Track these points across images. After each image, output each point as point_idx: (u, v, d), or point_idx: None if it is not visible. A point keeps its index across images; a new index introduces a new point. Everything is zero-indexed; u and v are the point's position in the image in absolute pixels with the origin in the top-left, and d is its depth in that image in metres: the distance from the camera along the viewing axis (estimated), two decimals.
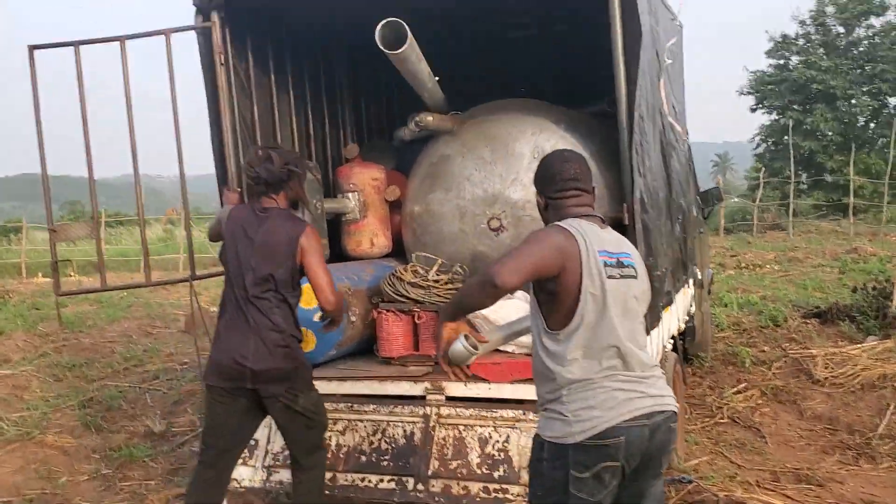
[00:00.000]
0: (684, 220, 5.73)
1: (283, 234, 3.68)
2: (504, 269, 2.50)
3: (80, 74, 4.54)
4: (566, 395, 2.58)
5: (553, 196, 2.79)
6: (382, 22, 4.08)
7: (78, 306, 13.30)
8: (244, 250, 3.69)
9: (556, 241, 2.58)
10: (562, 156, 2.87)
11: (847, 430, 6.06)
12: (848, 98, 27.24)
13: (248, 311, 3.64)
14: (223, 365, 3.66)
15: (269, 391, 3.64)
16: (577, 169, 2.80)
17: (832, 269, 14.19)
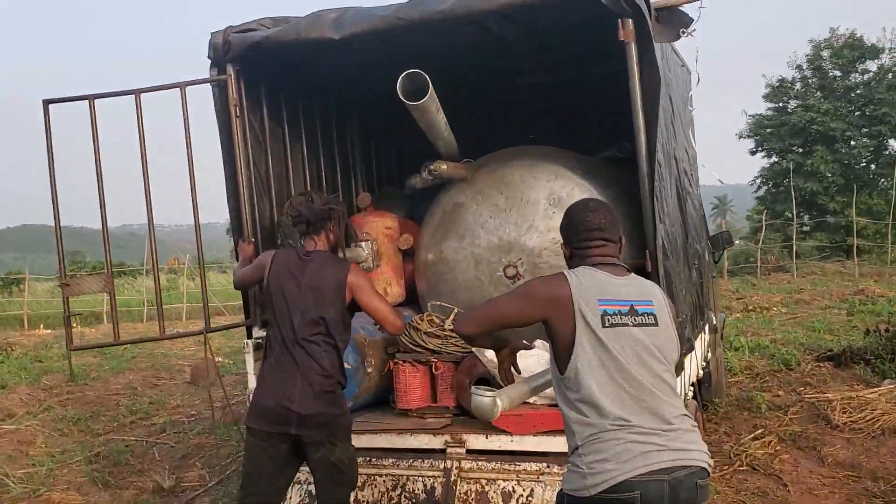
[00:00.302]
0: (700, 264, 5.70)
1: (330, 276, 3.76)
2: (465, 318, 2.78)
3: (95, 128, 4.53)
4: (582, 446, 2.54)
5: (577, 246, 2.78)
6: (404, 73, 4.08)
7: (82, 358, 13.17)
8: (292, 293, 3.75)
9: (536, 291, 2.67)
10: (586, 205, 2.87)
11: (871, 477, 5.94)
12: (847, 140, 27.42)
13: (296, 354, 3.69)
14: (268, 408, 3.67)
15: (312, 437, 3.64)
16: (601, 219, 2.78)
17: (840, 311, 14.10)
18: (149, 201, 4.61)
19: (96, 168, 4.54)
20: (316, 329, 3.70)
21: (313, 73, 5.25)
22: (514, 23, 4.53)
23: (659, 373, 2.63)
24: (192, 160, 4.56)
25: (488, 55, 5.20)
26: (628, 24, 3.89)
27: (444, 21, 4.15)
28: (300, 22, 4.39)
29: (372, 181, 6.39)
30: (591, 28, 4.60)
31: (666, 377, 2.66)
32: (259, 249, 4.69)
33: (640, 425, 2.52)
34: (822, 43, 29.05)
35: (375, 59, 4.96)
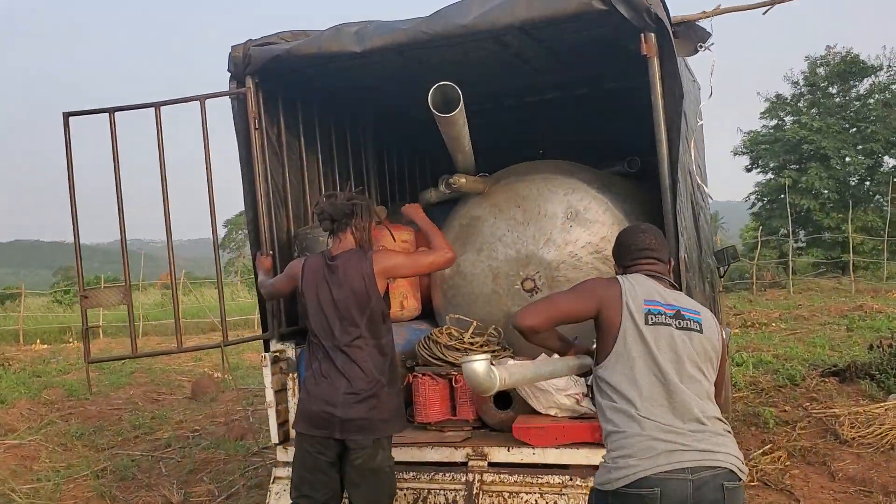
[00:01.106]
0: (712, 278, 5.71)
1: (356, 275, 3.77)
2: (527, 311, 2.80)
3: (115, 141, 4.53)
4: (610, 440, 2.64)
5: (628, 264, 2.90)
6: (436, 85, 4.11)
7: (82, 373, 13.11)
8: (326, 300, 3.78)
9: (592, 287, 2.83)
10: (638, 227, 3.04)
11: (882, 491, 5.94)
12: (842, 157, 27.61)
13: (338, 360, 3.73)
14: (313, 412, 3.73)
15: (357, 441, 3.69)
16: (651, 239, 2.92)
17: (839, 327, 14.15)
18: (167, 215, 4.59)
19: (116, 181, 4.52)
20: (355, 332, 3.75)
21: (330, 87, 5.27)
22: (533, 38, 4.56)
23: (695, 374, 2.68)
24: (211, 174, 4.54)
25: (505, 71, 5.23)
26: (651, 38, 3.93)
27: (465, 35, 4.19)
28: (321, 35, 4.41)
29: (386, 195, 6.40)
30: (606, 45, 4.66)
31: (702, 380, 2.71)
32: (276, 262, 4.69)
33: (669, 423, 2.58)
34: (818, 60, 29.32)
35: (393, 74, 4.99)
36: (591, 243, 4.76)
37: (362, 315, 3.77)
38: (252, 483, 6.62)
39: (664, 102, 3.96)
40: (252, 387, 10.74)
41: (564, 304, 2.81)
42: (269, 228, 4.70)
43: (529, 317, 2.77)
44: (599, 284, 2.84)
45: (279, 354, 4.63)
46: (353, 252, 3.86)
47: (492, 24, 4.04)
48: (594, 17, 4.02)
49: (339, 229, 3.89)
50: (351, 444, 3.71)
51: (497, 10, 4.01)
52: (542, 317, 2.77)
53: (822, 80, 29.28)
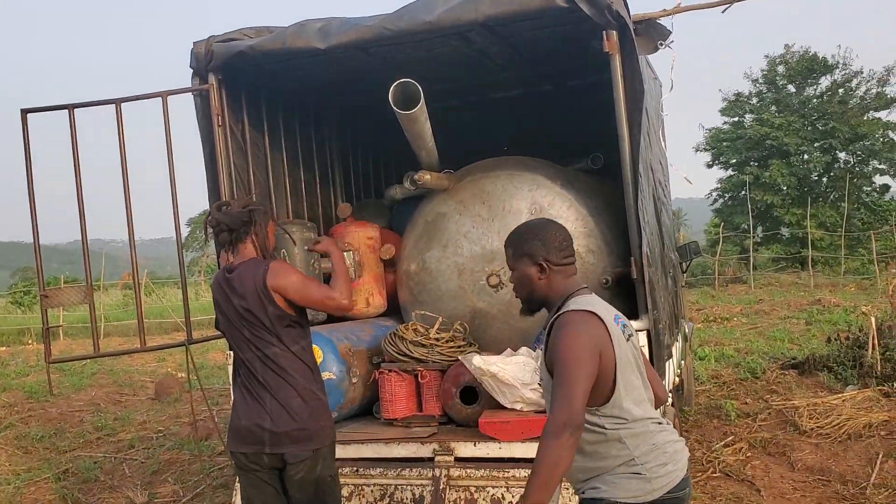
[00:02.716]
0: (675, 273, 5.80)
1: (250, 287, 3.46)
2: (574, 412, 2.39)
3: (75, 138, 4.47)
4: (639, 455, 2.57)
5: (559, 262, 2.70)
6: (396, 83, 4.11)
7: (41, 375, 12.89)
8: (232, 315, 3.52)
9: (592, 343, 2.51)
10: (555, 223, 2.83)
11: (840, 480, 6.07)
12: (801, 154, 28.11)
13: (258, 374, 3.47)
14: (241, 428, 3.51)
15: (293, 454, 3.44)
16: (570, 236, 2.80)
17: (798, 321, 14.42)
18: (129, 214, 4.55)
19: (76, 179, 4.47)
20: (267, 344, 3.47)
21: (295, 84, 5.25)
22: (497, 35, 4.58)
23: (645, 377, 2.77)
24: (174, 171, 4.52)
25: (469, 68, 5.25)
26: (613, 35, 3.98)
27: (429, 32, 4.20)
28: (285, 31, 4.39)
29: (351, 192, 6.38)
30: (569, 42, 4.71)
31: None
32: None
33: (665, 425, 2.70)
34: (777, 58, 29.80)
35: (357, 70, 4.99)
36: None
37: (267, 326, 3.49)
38: (217, 483, 6.58)
39: (626, 99, 4.01)
40: (217, 386, 10.65)
41: (588, 377, 2.47)
42: None
43: (580, 413, 2.41)
44: (595, 334, 2.53)
45: None
46: (251, 261, 3.56)
47: (456, 21, 4.05)
48: (557, 14, 4.06)
49: (237, 239, 3.57)
50: (288, 457, 3.47)
51: (461, 7, 4.03)
52: (585, 400, 2.44)
53: (782, 77, 29.78)
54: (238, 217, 3.55)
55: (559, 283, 2.70)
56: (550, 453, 2.38)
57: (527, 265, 2.73)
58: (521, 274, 2.75)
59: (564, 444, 2.37)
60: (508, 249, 2.81)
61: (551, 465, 2.39)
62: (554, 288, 2.70)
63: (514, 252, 2.77)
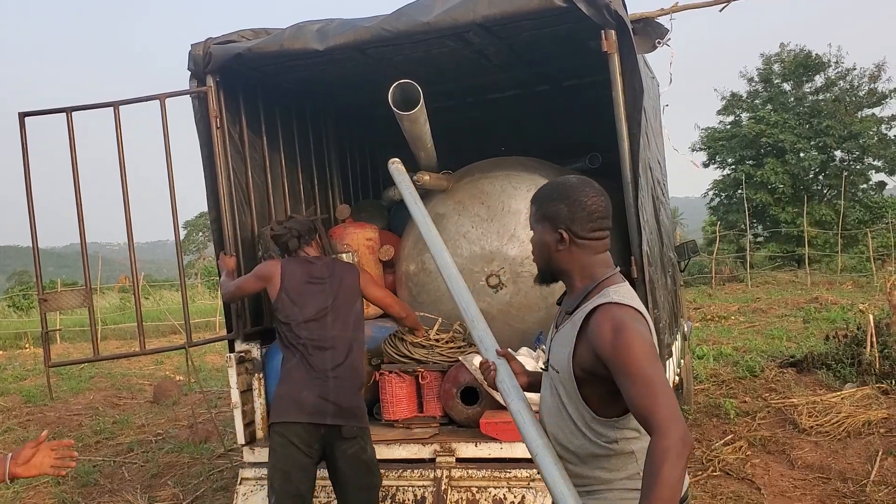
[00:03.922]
0: (674, 272, 5.80)
1: (346, 277, 4.09)
2: (679, 421, 2.05)
3: (73, 141, 4.46)
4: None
5: (586, 236, 2.30)
6: (396, 83, 4.11)
7: (39, 379, 12.87)
8: (320, 295, 4.00)
9: (652, 343, 2.21)
10: (594, 187, 2.35)
11: (840, 478, 6.08)
12: (797, 152, 28.15)
13: (325, 353, 3.90)
14: (303, 399, 3.82)
15: (350, 430, 3.83)
16: (609, 206, 2.36)
17: (796, 319, 14.43)
18: (128, 217, 4.53)
19: (74, 182, 4.46)
20: (342, 326, 3.96)
21: (292, 85, 5.25)
22: (495, 35, 4.58)
23: None
24: (172, 173, 4.52)
25: (467, 68, 5.25)
26: (611, 35, 3.98)
27: (427, 33, 4.20)
28: (283, 33, 4.38)
29: (349, 193, 6.38)
30: (567, 42, 4.70)
31: None
32: (240, 261, 4.66)
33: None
34: (772, 57, 29.85)
35: (355, 71, 4.98)
36: None
37: (351, 312, 4.04)
38: (217, 486, 6.57)
39: (625, 98, 4.01)
40: (215, 389, 10.63)
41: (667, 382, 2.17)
42: (233, 228, 4.66)
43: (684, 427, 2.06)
44: (650, 336, 2.22)
45: (244, 355, 4.60)
46: (334, 259, 4.30)
47: (454, 22, 4.05)
48: (555, 14, 4.06)
49: (305, 243, 4.17)
50: (345, 431, 3.82)
51: (459, 7, 4.03)
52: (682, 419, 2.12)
53: (777, 76, 29.82)
54: (306, 224, 4.20)
55: (583, 260, 2.31)
56: (675, 475, 1.98)
57: (546, 231, 2.34)
58: (539, 239, 2.37)
59: (682, 466, 2.02)
60: (532, 206, 2.43)
61: (675, 486, 1.98)
62: (576, 264, 2.31)
63: (536, 212, 2.39)
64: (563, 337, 2.34)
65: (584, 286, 2.31)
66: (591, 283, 2.29)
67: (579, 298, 2.30)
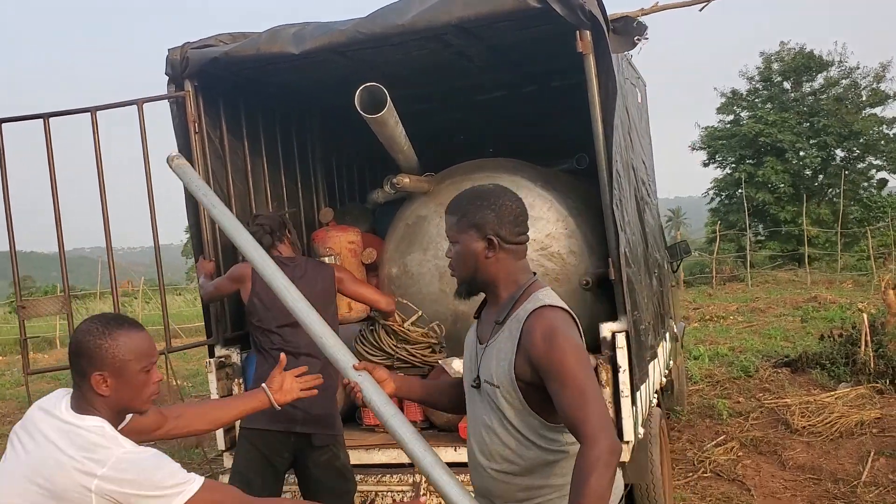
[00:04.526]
0: (660, 273, 5.77)
1: (320, 277, 4.02)
2: (608, 431, 2.05)
3: (50, 147, 4.44)
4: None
5: (514, 240, 2.30)
6: (362, 87, 4.09)
7: (35, 385, 12.84)
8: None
9: (583, 348, 2.22)
10: (511, 192, 2.38)
11: (831, 478, 6.05)
12: (796, 151, 28.11)
13: (299, 357, 3.80)
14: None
15: (320, 438, 3.76)
16: (526, 210, 2.38)
17: (794, 318, 14.39)
18: (106, 221, 4.53)
19: (52, 188, 4.45)
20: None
21: (273, 89, 5.22)
22: (475, 37, 4.55)
23: None
24: (151, 178, 4.50)
25: (449, 70, 5.23)
26: (586, 35, 3.95)
27: (404, 35, 4.17)
28: (259, 37, 4.37)
29: (334, 196, 6.36)
30: (548, 42, 4.67)
31: None
32: (220, 266, 4.64)
33: None
34: (772, 56, 29.81)
35: (336, 74, 4.96)
36: (535, 240, 4.76)
37: (325, 314, 3.79)
38: None
39: (600, 99, 3.98)
40: (208, 392, 10.61)
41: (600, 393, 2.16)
42: (212, 233, 4.64)
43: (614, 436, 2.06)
44: (580, 337, 2.23)
45: (224, 360, 4.58)
46: (308, 258, 4.19)
47: (429, 23, 4.03)
48: (531, 15, 4.03)
49: (278, 240, 4.11)
50: (316, 440, 3.76)
51: (434, 9, 4.00)
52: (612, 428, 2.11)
53: (777, 75, 29.78)
54: (277, 220, 4.15)
55: (509, 266, 2.30)
56: (603, 485, 1.97)
57: (473, 239, 2.28)
58: (465, 249, 2.30)
59: (610, 477, 2.00)
60: (452, 217, 2.33)
61: (603, 496, 1.98)
62: (502, 271, 2.30)
63: (460, 221, 2.31)
64: (497, 349, 2.28)
65: (510, 294, 2.30)
66: (517, 290, 2.29)
67: (508, 307, 2.28)
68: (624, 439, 3.95)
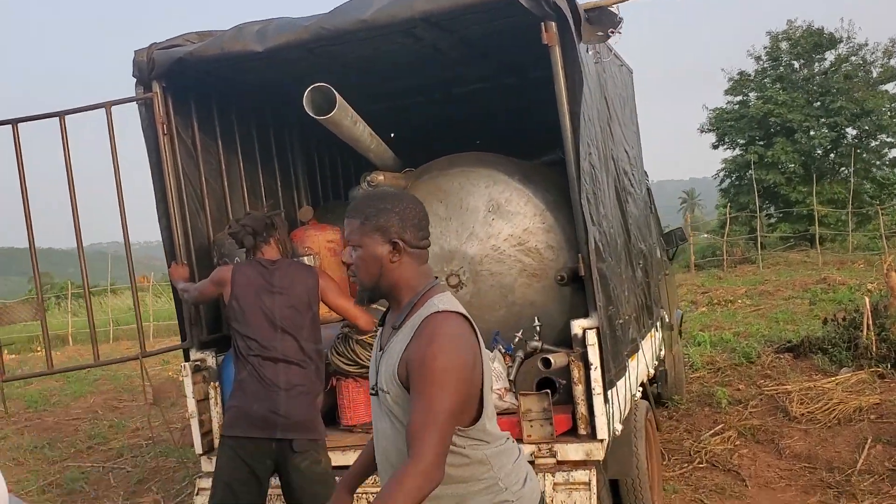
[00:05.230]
0: (646, 264, 5.68)
1: (301, 282, 3.94)
2: (441, 461, 2.01)
3: (19, 153, 4.43)
4: (503, 477, 2.24)
5: (417, 244, 2.28)
6: (309, 88, 4.03)
7: (43, 383, 12.96)
8: (267, 303, 3.87)
9: (470, 361, 2.13)
10: (412, 196, 2.40)
11: (826, 467, 5.97)
12: (806, 130, 27.76)
13: (277, 363, 3.80)
14: (251, 412, 3.74)
15: (302, 444, 3.73)
16: (426, 213, 2.38)
17: (803, 301, 14.23)
18: (77, 221, 4.54)
19: (22, 192, 4.45)
20: (298, 336, 3.85)
21: (244, 87, 5.17)
22: (444, 30, 4.48)
23: None
24: (120, 180, 4.49)
25: (424, 64, 5.15)
26: (552, 27, 3.87)
27: (367, 30, 4.10)
28: (223, 35, 4.31)
29: (317, 194, 6.30)
30: (521, 34, 4.57)
31: None
32: (193, 270, 4.61)
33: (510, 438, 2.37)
34: (779, 34, 29.38)
35: (308, 70, 4.88)
36: (513, 235, 4.71)
37: (304, 319, 3.91)
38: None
39: (567, 91, 3.91)
40: None
41: (455, 419, 2.09)
42: (185, 235, 4.61)
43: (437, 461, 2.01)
44: (468, 345, 2.15)
45: (200, 363, 4.55)
46: (293, 261, 4.09)
47: (391, 18, 3.95)
48: (497, 6, 3.96)
49: (262, 241, 4.01)
50: (296, 445, 3.73)
51: (396, 4, 3.93)
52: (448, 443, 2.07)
53: (785, 54, 29.38)
54: (262, 221, 4.03)
55: (412, 270, 2.27)
56: (399, 500, 1.95)
57: (377, 243, 2.25)
58: (369, 253, 2.25)
59: (418, 498, 1.97)
60: (355, 220, 2.29)
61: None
62: (405, 276, 2.27)
63: (363, 225, 2.27)
64: (389, 355, 2.24)
65: (409, 299, 2.25)
66: (415, 296, 2.24)
67: (405, 312, 2.24)
68: (598, 437, 3.89)
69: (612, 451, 4.54)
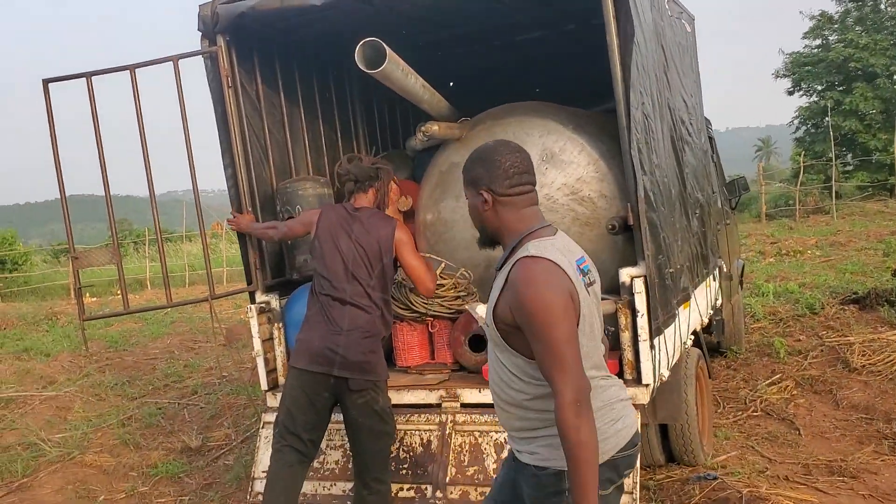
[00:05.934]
0: (703, 213, 5.67)
1: (379, 231, 4.06)
2: (579, 380, 2.20)
3: (94, 105, 4.65)
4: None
5: (506, 192, 2.41)
6: (360, 43, 4.12)
7: (123, 325, 13.60)
8: (343, 246, 4.05)
9: (564, 298, 2.26)
10: (511, 145, 2.50)
11: (884, 419, 5.93)
12: (890, 75, 26.55)
13: (345, 304, 3.97)
14: (313, 348, 3.95)
15: (357, 382, 3.90)
16: (528, 161, 2.48)
17: (876, 252, 13.84)
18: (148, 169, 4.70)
19: (96, 140, 4.68)
20: (366, 281, 4.00)
21: (305, 40, 5.29)
22: None
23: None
24: (189, 132, 4.67)
25: (481, 11, 5.17)
26: None
27: None
28: None
29: (376, 143, 6.43)
30: None
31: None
32: (258, 218, 4.82)
33: (612, 378, 2.52)
34: None
35: (367, 22, 4.97)
36: (566, 185, 4.77)
37: (374, 267, 4.05)
38: None
39: (619, 42, 3.92)
40: None
41: (575, 342, 2.25)
42: (249, 184, 4.81)
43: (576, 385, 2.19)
44: (559, 285, 2.26)
45: (265, 306, 4.78)
46: (376, 211, 4.19)
47: None
48: None
49: (360, 189, 4.19)
50: (353, 384, 3.91)
51: None
52: (580, 371, 2.23)
53: None
54: (366, 171, 4.17)
55: (509, 217, 2.41)
56: (578, 426, 2.15)
57: (472, 195, 2.49)
58: (470, 204, 2.52)
59: (585, 422, 2.16)
60: (462, 175, 2.55)
61: (582, 447, 2.15)
62: (504, 222, 2.42)
63: (464, 179, 2.54)
64: (492, 294, 2.44)
65: (510, 243, 2.42)
66: (515, 240, 2.40)
67: (506, 255, 2.42)
68: (643, 382, 3.98)
69: (661, 397, 4.64)
